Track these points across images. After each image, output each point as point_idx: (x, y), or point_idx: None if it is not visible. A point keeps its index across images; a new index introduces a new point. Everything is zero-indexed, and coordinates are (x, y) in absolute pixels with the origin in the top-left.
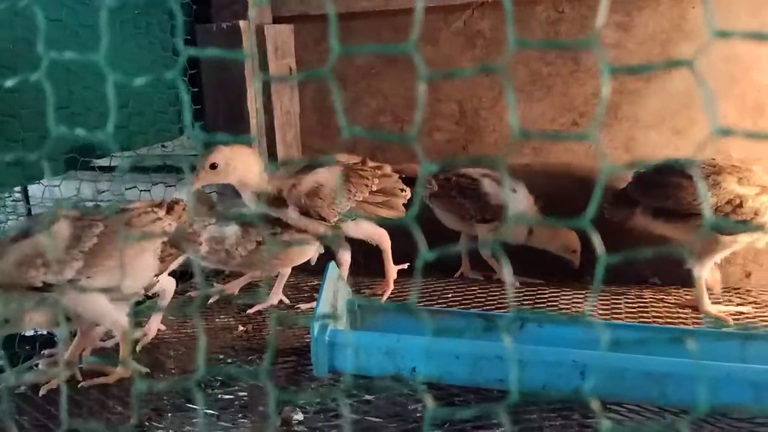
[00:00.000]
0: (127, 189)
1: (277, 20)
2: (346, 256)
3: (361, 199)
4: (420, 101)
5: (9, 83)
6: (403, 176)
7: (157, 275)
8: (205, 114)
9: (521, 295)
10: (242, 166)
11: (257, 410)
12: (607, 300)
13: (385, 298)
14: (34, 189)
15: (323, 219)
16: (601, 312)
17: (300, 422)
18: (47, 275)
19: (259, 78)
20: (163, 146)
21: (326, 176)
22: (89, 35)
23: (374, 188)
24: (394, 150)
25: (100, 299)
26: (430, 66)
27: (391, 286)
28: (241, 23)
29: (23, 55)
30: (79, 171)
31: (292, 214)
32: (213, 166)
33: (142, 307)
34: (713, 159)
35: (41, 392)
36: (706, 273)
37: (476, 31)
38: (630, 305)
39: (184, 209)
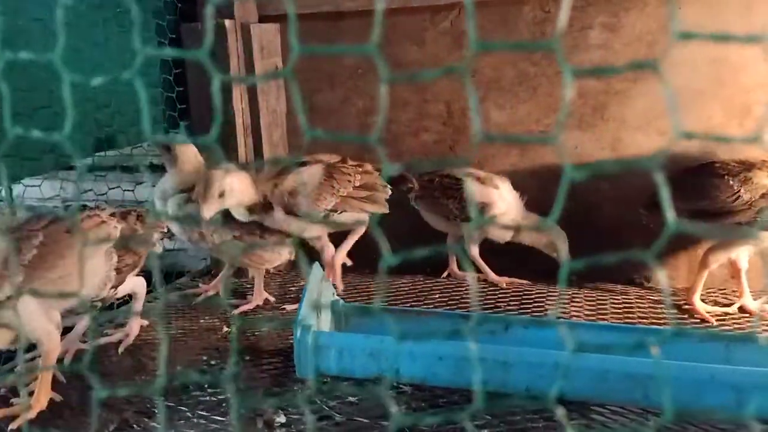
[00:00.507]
0: (111, 189)
1: (263, 19)
2: (331, 254)
3: (345, 194)
4: (382, 104)
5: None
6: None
7: (114, 287)
8: (190, 113)
9: (508, 295)
10: (240, 191)
11: (238, 412)
12: (593, 299)
13: (339, 289)
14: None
15: (311, 218)
16: (587, 312)
17: (282, 424)
18: None
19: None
20: (148, 145)
21: (308, 174)
22: (67, 33)
23: (357, 183)
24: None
25: (34, 312)
26: (417, 66)
27: (338, 275)
28: (227, 22)
29: None
30: (62, 171)
31: (278, 215)
32: (221, 195)
33: (122, 309)
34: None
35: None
36: (714, 266)
37: (462, 31)
38: (615, 305)
39: (138, 218)
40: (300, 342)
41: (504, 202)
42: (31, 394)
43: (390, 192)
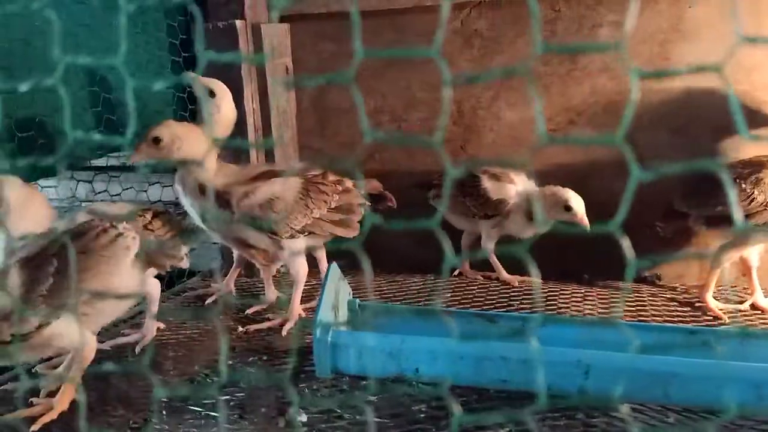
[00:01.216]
0: (124, 189)
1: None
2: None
3: (317, 215)
4: (445, 106)
5: (23, 87)
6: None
7: None
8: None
9: (520, 294)
10: (188, 146)
11: (259, 412)
12: (606, 298)
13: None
14: None
15: (274, 233)
16: (600, 310)
17: (304, 423)
18: (13, 329)
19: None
20: None
21: (282, 188)
22: (86, 35)
23: (333, 205)
24: (392, 150)
25: (65, 329)
26: (428, 66)
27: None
28: (238, 23)
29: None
30: (75, 171)
31: (234, 224)
32: (156, 140)
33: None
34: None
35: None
36: (726, 264)
37: (473, 31)
38: (628, 303)
39: (155, 216)
40: (319, 341)
41: (520, 197)
42: (51, 394)
43: (363, 212)
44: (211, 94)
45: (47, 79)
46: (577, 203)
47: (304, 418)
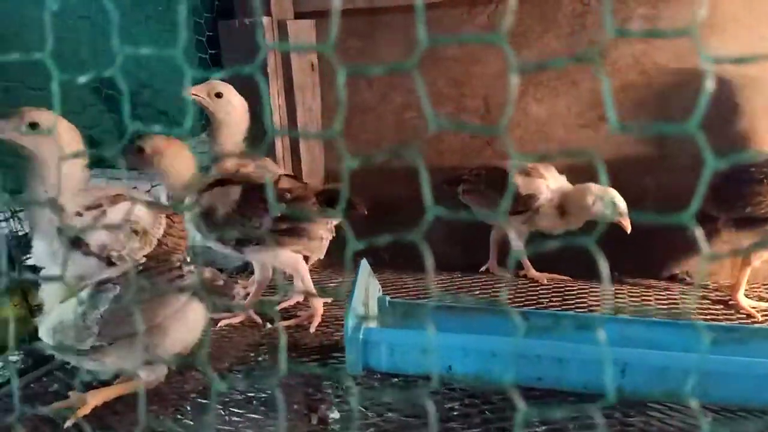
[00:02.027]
0: (153, 186)
1: (298, 16)
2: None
3: (257, 225)
4: (511, 94)
5: (82, 79)
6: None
7: None
8: None
9: (549, 292)
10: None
11: (291, 408)
12: (637, 296)
13: (313, 328)
14: None
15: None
16: (632, 308)
17: (336, 420)
18: (70, 342)
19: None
20: None
21: (220, 196)
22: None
23: (279, 213)
24: (418, 145)
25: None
26: (453, 62)
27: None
28: (264, 19)
29: None
30: (96, 169)
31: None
32: (218, 95)
33: None
34: None
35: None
36: (757, 263)
37: (500, 26)
38: (660, 301)
39: (168, 218)
40: (351, 338)
41: (551, 192)
42: (86, 389)
43: (333, 223)
44: (218, 95)
45: (107, 71)
46: (620, 201)
47: (336, 414)
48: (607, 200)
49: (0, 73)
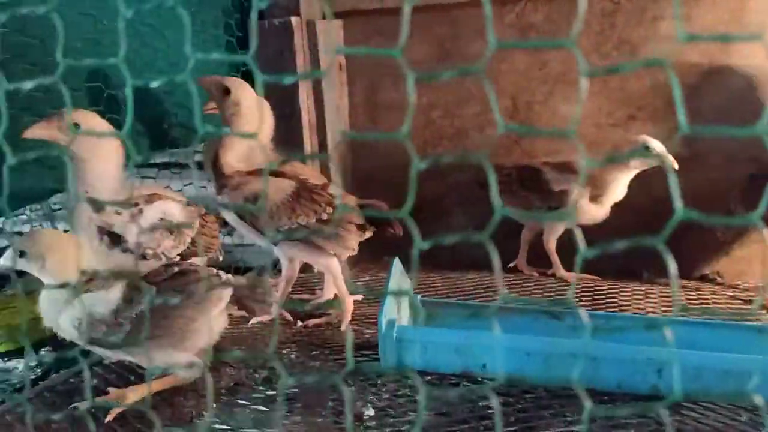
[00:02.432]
0: (184, 185)
1: (326, 16)
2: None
3: (304, 223)
4: (581, 93)
5: (154, 81)
6: (369, 213)
7: None
8: None
9: (578, 291)
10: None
11: (326, 405)
12: (668, 296)
13: (344, 326)
14: None
15: (257, 229)
16: (663, 308)
17: (371, 417)
18: (95, 334)
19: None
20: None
21: (273, 187)
22: (145, 33)
23: (324, 217)
24: (444, 145)
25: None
26: (481, 62)
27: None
28: (293, 20)
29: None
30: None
31: (228, 215)
32: (226, 91)
33: None
34: None
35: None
36: None
37: (529, 24)
38: (691, 301)
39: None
40: (384, 336)
41: (580, 186)
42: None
43: (369, 235)
44: (226, 91)
45: (178, 76)
46: (654, 141)
47: (371, 411)
48: (641, 146)
49: (42, 73)
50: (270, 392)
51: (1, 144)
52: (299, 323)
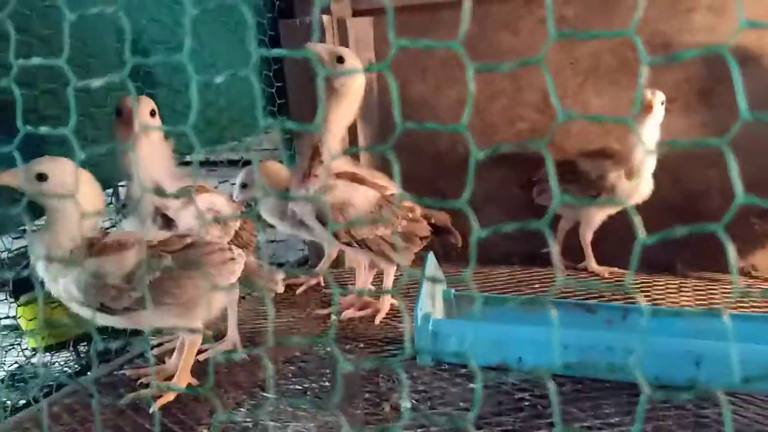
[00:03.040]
0: (220, 182)
1: (356, 13)
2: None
3: (380, 234)
4: (641, 89)
5: (218, 79)
6: (432, 223)
7: None
8: (288, 108)
9: (611, 284)
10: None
11: (362, 397)
12: (702, 289)
13: (378, 320)
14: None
15: (335, 236)
16: (697, 302)
17: (408, 409)
18: (105, 299)
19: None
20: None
21: (360, 198)
22: (177, 34)
23: (398, 229)
24: (474, 140)
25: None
26: (512, 55)
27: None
28: (324, 18)
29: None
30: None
31: (308, 218)
32: (340, 60)
33: None
34: None
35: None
36: None
37: (560, 18)
38: (726, 294)
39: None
40: (420, 330)
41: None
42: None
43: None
44: (340, 60)
45: (242, 71)
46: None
47: (408, 403)
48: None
49: (49, 76)
50: (305, 385)
51: (72, 139)
52: (332, 317)
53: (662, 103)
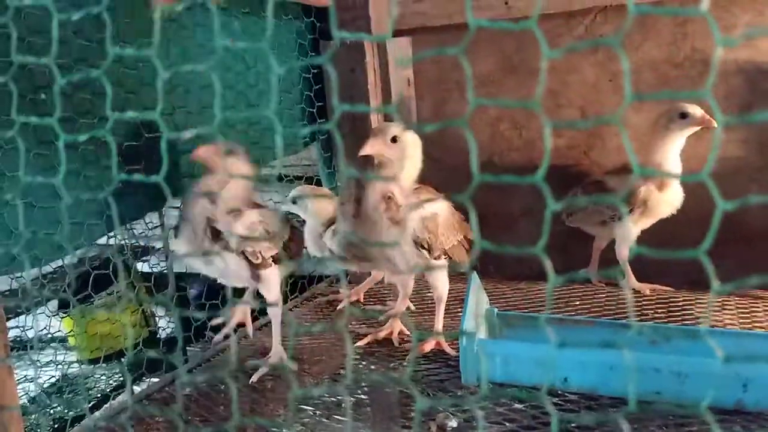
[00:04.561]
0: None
1: (396, 33)
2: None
3: (455, 241)
4: (716, 140)
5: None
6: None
7: None
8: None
9: (652, 303)
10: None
11: (409, 416)
12: (746, 307)
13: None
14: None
15: (427, 249)
16: (741, 321)
17: (454, 429)
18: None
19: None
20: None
21: (443, 209)
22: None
23: (469, 236)
24: (512, 157)
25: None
26: (550, 72)
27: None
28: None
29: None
30: None
31: (403, 241)
32: (393, 140)
33: None
34: None
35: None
36: None
37: (599, 36)
38: None
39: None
40: (465, 349)
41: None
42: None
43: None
44: (394, 140)
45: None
46: (692, 107)
47: (454, 423)
48: (673, 114)
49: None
50: (337, 399)
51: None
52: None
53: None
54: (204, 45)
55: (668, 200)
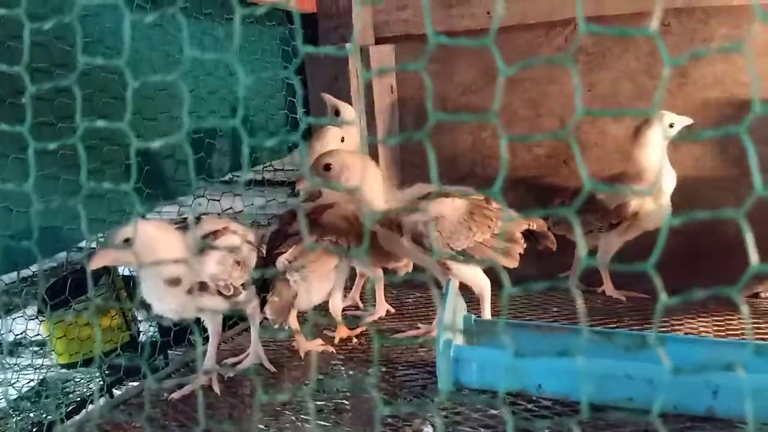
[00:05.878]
0: (246, 206)
1: (379, 41)
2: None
3: (480, 240)
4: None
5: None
6: (530, 228)
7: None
8: (312, 133)
9: (629, 310)
10: (355, 175)
11: (384, 421)
12: (720, 316)
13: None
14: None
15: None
16: (715, 329)
17: None
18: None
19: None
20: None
21: (449, 209)
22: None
23: (496, 231)
24: (493, 165)
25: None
26: (530, 83)
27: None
28: (347, 46)
29: None
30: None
31: (405, 242)
32: (327, 168)
33: None
34: None
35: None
36: None
37: (578, 47)
38: (744, 322)
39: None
40: (442, 355)
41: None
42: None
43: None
44: (336, 113)
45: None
46: (667, 113)
47: (429, 429)
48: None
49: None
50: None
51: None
52: (354, 340)
53: (671, 126)
54: (172, 55)
55: (659, 212)
